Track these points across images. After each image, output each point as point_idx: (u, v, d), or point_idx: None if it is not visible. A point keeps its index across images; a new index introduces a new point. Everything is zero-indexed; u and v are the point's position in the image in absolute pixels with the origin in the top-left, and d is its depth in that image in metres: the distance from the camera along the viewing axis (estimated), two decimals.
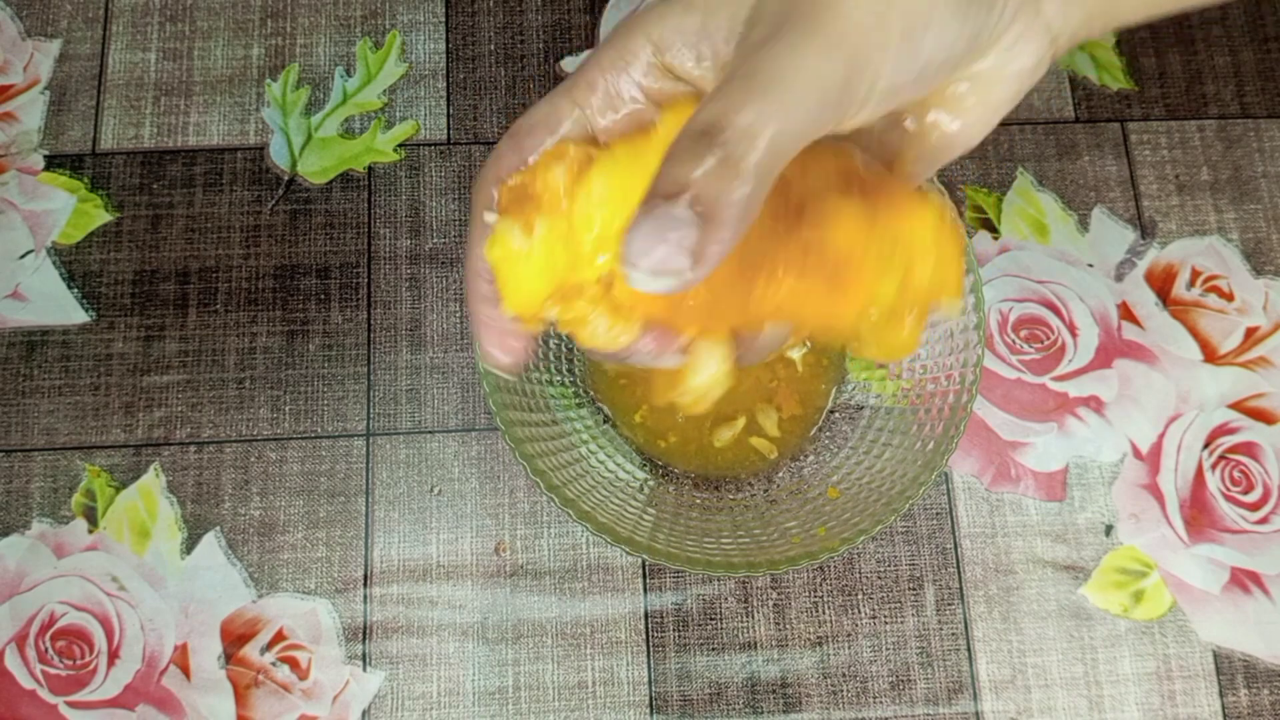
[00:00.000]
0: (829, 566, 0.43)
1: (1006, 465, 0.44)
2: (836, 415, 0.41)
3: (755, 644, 0.42)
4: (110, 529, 0.42)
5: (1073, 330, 0.45)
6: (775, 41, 0.21)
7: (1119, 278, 0.46)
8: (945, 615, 0.42)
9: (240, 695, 0.40)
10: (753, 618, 0.42)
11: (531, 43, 0.49)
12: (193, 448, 0.43)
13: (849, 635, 0.42)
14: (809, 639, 0.42)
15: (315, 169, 0.47)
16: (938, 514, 0.43)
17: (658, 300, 0.25)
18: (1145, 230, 0.47)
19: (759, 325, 0.27)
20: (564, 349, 0.41)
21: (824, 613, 0.42)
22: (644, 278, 0.20)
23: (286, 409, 0.44)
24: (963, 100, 0.25)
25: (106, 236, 0.46)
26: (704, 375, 0.27)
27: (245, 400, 0.44)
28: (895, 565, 0.43)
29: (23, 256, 0.45)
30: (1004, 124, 0.48)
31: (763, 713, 0.41)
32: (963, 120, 0.26)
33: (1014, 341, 0.45)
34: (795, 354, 0.42)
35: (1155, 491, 0.44)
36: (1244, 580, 0.43)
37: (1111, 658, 0.42)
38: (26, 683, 0.40)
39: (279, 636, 0.41)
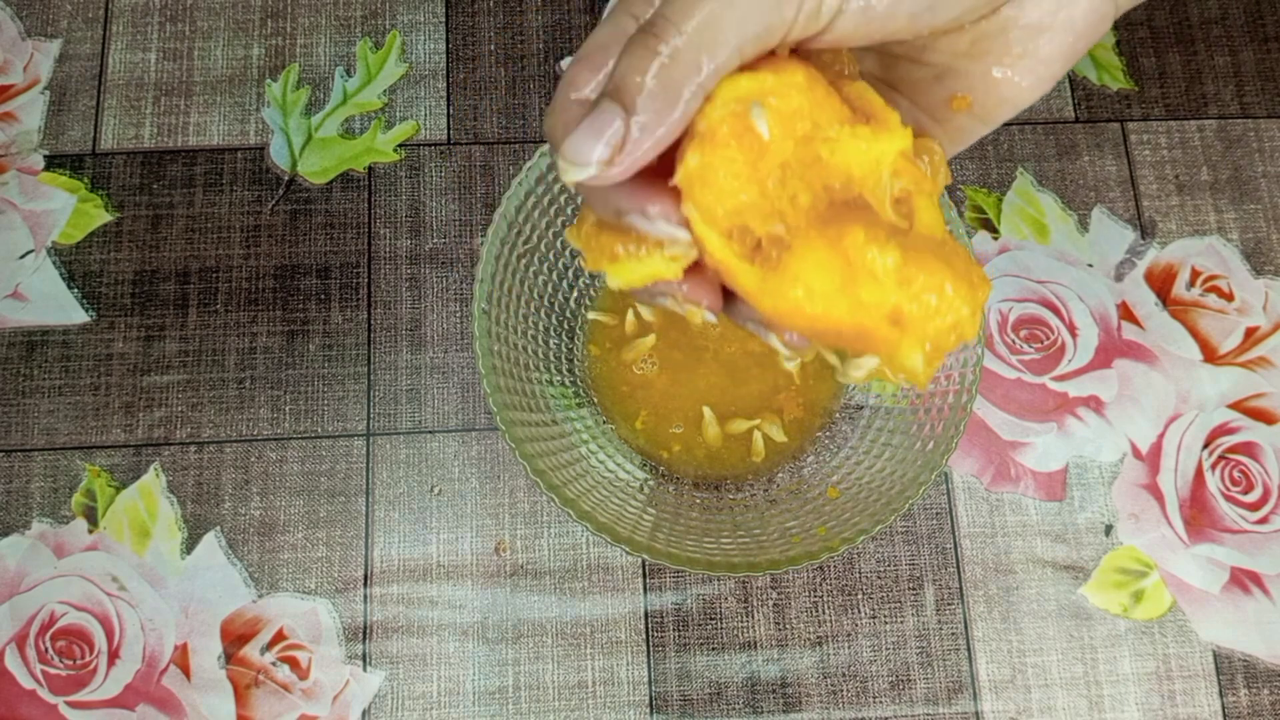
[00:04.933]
0: (829, 566, 0.43)
1: (1006, 465, 0.44)
2: (836, 415, 0.41)
3: (755, 644, 0.42)
4: (110, 529, 0.42)
5: (1072, 330, 0.45)
6: None
7: (1119, 278, 0.46)
8: (945, 615, 0.42)
9: (240, 695, 0.40)
10: (753, 618, 0.42)
11: (531, 43, 0.49)
12: (193, 448, 0.43)
13: (849, 635, 0.42)
14: (809, 639, 0.42)
15: (315, 169, 0.47)
16: (938, 514, 0.43)
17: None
18: (1145, 230, 0.47)
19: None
20: (564, 349, 0.41)
21: (824, 613, 0.42)
22: (570, 169, 0.21)
23: (286, 409, 0.44)
24: (1009, 49, 0.24)
25: (107, 236, 0.46)
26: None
27: (245, 400, 0.44)
28: (895, 565, 0.43)
29: (23, 256, 0.45)
30: (1003, 124, 0.48)
31: (763, 712, 0.41)
32: (1011, 71, 0.24)
33: (1014, 341, 0.45)
34: (792, 365, 0.42)
35: (1155, 491, 0.44)
36: (1244, 580, 0.43)
37: (1111, 658, 0.42)
38: (26, 683, 0.40)
39: (279, 636, 0.41)
